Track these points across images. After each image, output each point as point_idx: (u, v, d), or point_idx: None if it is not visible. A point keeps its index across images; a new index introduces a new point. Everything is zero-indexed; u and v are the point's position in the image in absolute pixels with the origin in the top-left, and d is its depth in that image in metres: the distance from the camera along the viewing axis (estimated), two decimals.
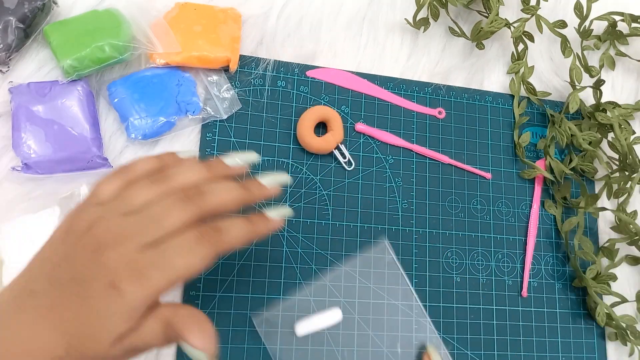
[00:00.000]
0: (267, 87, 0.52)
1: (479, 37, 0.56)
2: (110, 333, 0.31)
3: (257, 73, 0.52)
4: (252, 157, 0.40)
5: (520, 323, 0.52)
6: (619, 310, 0.55)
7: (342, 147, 0.52)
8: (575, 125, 0.57)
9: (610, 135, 0.58)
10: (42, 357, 0.31)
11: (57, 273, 0.32)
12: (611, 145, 0.56)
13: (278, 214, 0.39)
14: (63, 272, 0.32)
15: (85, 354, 0.31)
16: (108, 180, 0.36)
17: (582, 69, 0.57)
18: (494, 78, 0.59)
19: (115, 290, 0.31)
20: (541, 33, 0.58)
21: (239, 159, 0.39)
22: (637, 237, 0.54)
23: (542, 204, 0.56)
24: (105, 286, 0.31)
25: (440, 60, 0.58)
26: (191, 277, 0.32)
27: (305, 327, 0.47)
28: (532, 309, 0.53)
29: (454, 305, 0.51)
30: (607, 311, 0.52)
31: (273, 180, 0.39)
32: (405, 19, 0.57)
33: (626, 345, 0.54)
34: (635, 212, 0.56)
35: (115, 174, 0.36)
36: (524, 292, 0.53)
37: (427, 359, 0.47)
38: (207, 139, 0.49)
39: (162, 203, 0.34)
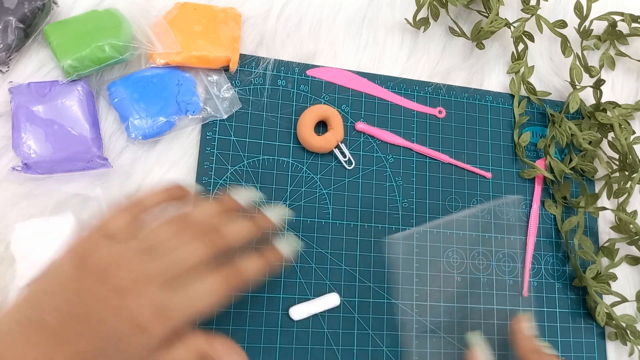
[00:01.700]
0: (267, 87, 0.52)
1: (479, 37, 0.56)
2: None
3: (257, 72, 0.52)
4: (255, 195, 0.43)
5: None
6: (618, 310, 0.55)
7: (343, 146, 0.52)
8: (575, 125, 0.57)
9: (610, 135, 0.58)
10: None
11: (72, 309, 0.33)
12: (611, 145, 0.56)
13: (288, 246, 0.42)
14: (79, 308, 0.33)
15: None
16: (118, 214, 0.37)
17: (582, 69, 0.57)
18: (494, 78, 0.59)
19: (139, 329, 0.33)
20: (541, 33, 0.58)
21: (246, 197, 0.42)
22: (637, 237, 0.54)
23: (542, 203, 0.56)
24: (129, 325, 0.33)
25: (440, 60, 0.58)
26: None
27: (300, 311, 0.47)
28: (533, 309, 0.53)
29: (455, 305, 0.51)
30: (607, 311, 0.52)
31: (277, 215, 0.43)
32: (405, 18, 0.57)
33: (626, 345, 0.54)
34: (635, 212, 0.56)
35: (124, 207, 0.37)
36: (525, 292, 0.53)
37: (474, 354, 0.46)
38: (207, 138, 0.49)
39: (182, 244, 0.36)
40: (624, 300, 0.54)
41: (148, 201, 0.39)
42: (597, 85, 0.57)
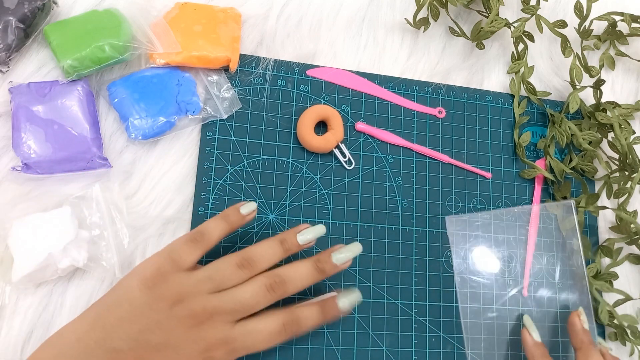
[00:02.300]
0: (267, 87, 0.52)
1: (479, 37, 0.56)
2: None
3: (257, 72, 0.52)
4: (322, 230, 0.43)
5: (521, 323, 0.52)
6: (619, 310, 0.55)
7: (342, 146, 0.52)
8: (575, 125, 0.57)
9: (610, 135, 0.58)
10: None
11: (146, 337, 0.36)
12: (611, 145, 0.56)
13: (349, 302, 0.42)
14: (154, 336, 0.36)
15: None
16: (188, 249, 0.39)
17: (582, 69, 0.57)
18: (494, 78, 0.59)
19: (208, 358, 0.37)
20: (541, 33, 0.58)
21: (310, 236, 0.42)
22: (637, 237, 0.54)
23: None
24: (201, 355, 0.36)
25: (440, 60, 0.58)
26: None
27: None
28: (533, 309, 0.53)
29: (454, 304, 0.51)
30: (608, 309, 0.52)
31: (346, 257, 0.42)
32: (405, 18, 0.57)
33: (626, 345, 0.54)
34: (635, 211, 0.56)
35: (192, 241, 0.39)
36: (525, 292, 0.53)
37: (526, 332, 0.49)
38: (207, 138, 0.49)
39: (248, 284, 0.39)
40: (627, 298, 0.54)
41: (214, 236, 0.40)
42: (597, 85, 0.57)
